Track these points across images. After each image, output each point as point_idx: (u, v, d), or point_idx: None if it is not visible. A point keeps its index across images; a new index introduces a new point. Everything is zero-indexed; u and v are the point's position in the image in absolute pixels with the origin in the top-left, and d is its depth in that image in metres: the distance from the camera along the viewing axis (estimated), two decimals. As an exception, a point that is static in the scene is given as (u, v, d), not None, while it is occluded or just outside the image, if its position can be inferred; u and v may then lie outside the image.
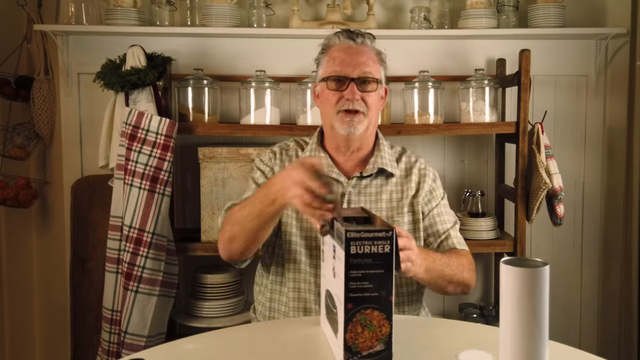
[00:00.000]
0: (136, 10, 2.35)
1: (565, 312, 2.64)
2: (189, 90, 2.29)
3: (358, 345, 1.06)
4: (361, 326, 1.06)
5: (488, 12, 2.40)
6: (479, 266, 2.63)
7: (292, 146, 1.71)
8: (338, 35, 1.60)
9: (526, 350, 0.93)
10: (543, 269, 0.92)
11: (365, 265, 1.04)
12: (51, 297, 2.61)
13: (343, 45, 1.58)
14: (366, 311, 1.05)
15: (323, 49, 1.62)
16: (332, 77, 1.55)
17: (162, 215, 2.14)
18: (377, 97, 1.59)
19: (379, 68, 1.60)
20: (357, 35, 1.59)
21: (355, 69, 1.54)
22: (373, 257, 1.05)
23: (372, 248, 1.05)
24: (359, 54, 1.57)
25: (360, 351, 1.07)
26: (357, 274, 1.04)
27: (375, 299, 1.06)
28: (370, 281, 1.05)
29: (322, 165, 1.25)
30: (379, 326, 1.07)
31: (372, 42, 1.62)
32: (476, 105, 2.32)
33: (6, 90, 2.47)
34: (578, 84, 2.60)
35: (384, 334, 1.07)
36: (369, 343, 1.07)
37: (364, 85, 1.55)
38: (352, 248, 1.03)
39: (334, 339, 1.14)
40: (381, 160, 1.62)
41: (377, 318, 1.06)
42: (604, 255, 2.65)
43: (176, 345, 1.26)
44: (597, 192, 2.64)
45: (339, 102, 1.54)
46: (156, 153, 2.13)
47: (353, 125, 1.54)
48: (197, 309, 2.25)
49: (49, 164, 2.60)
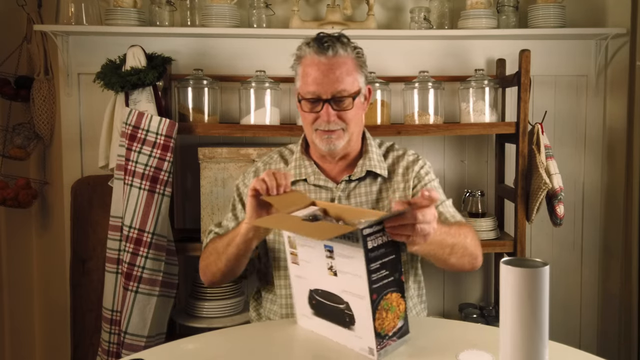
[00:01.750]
0: (136, 11, 2.35)
1: (565, 312, 2.64)
2: (189, 91, 2.29)
3: (385, 329, 1.13)
4: (385, 311, 1.12)
5: (488, 12, 2.40)
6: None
7: (275, 158, 1.69)
8: (309, 45, 1.51)
9: (526, 350, 0.93)
10: (543, 269, 0.92)
11: (380, 255, 1.10)
12: (51, 297, 2.61)
13: (314, 60, 1.49)
14: (386, 296, 1.12)
15: (296, 60, 1.56)
16: (306, 99, 1.51)
17: (162, 215, 2.14)
18: (356, 110, 1.54)
19: (355, 77, 1.52)
20: (329, 46, 1.48)
21: (329, 89, 1.48)
22: (385, 246, 1.11)
23: (383, 238, 1.11)
24: (331, 70, 1.48)
25: (387, 333, 1.13)
26: (376, 266, 1.10)
27: (392, 283, 1.13)
28: (386, 268, 1.11)
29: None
30: (397, 305, 1.14)
31: (345, 49, 1.51)
32: (476, 105, 2.33)
33: (6, 90, 2.47)
34: (578, 84, 2.60)
35: (402, 311, 1.16)
36: (392, 323, 1.14)
37: (339, 104, 1.50)
38: (369, 243, 1.08)
39: (345, 330, 1.17)
40: (369, 162, 1.60)
41: (395, 299, 1.14)
42: (604, 255, 2.65)
43: (176, 345, 1.26)
44: (597, 192, 2.64)
45: (316, 121, 1.52)
46: (156, 153, 2.13)
47: (332, 142, 1.52)
48: (197, 309, 2.25)
49: (49, 164, 2.60)
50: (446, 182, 2.58)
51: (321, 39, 1.51)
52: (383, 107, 2.31)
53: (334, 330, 1.20)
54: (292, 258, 1.29)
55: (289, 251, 1.29)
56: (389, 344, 1.14)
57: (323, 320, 1.23)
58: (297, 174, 1.61)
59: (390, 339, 1.14)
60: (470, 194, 2.39)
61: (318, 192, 1.59)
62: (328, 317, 1.22)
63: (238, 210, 1.64)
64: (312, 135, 1.55)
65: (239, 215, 1.63)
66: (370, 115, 2.31)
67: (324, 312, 1.23)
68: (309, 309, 1.26)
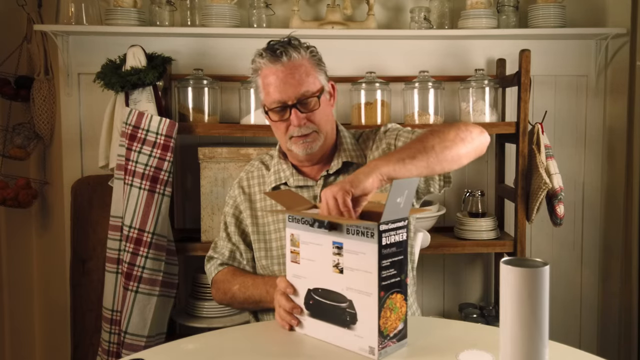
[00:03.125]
0: (136, 11, 2.35)
1: (565, 312, 2.64)
2: (189, 90, 2.29)
3: (387, 329, 1.13)
4: (389, 310, 1.13)
5: (488, 12, 2.40)
6: (479, 266, 2.64)
7: (256, 165, 1.69)
8: (262, 56, 1.51)
9: (526, 350, 0.93)
10: (543, 269, 0.92)
11: (391, 254, 1.12)
12: (51, 297, 2.62)
13: (271, 70, 1.49)
14: (392, 295, 1.13)
15: (253, 73, 1.56)
16: (272, 109, 1.51)
17: (162, 215, 2.14)
18: (324, 108, 1.53)
19: (315, 76, 1.51)
20: (282, 52, 1.48)
21: (292, 94, 1.48)
22: (397, 245, 1.13)
23: (395, 237, 1.12)
24: (290, 74, 1.48)
25: (389, 334, 1.14)
26: (387, 263, 1.11)
27: (398, 283, 1.14)
28: (394, 267, 1.13)
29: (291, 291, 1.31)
30: (400, 307, 1.15)
31: (298, 52, 1.50)
32: (476, 105, 2.33)
33: (6, 90, 2.47)
34: (578, 84, 2.60)
35: (403, 313, 1.16)
36: (394, 324, 1.15)
37: (306, 106, 1.49)
38: (383, 240, 1.09)
39: (343, 330, 1.18)
40: (345, 153, 1.59)
41: (399, 300, 1.14)
42: (604, 255, 2.65)
43: (176, 345, 1.26)
44: (597, 192, 2.64)
45: (288, 130, 1.52)
46: (156, 153, 2.13)
47: (308, 146, 1.52)
48: (197, 309, 2.26)
49: (49, 164, 2.60)
50: (446, 182, 2.58)
51: (272, 47, 1.51)
52: (383, 107, 2.31)
53: (331, 331, 1.20)
54: (292, 257, 1.29)
55: (289, 249, 1.29)
56: (389, 344, 1.14)
57: (319, 321, 1.23)
58: (277, 179, 1.61)
59: (391, 340, 1.14)
60: (470, 194, 2.39)
61: (300, 193, 1.59)
62: (326, 318, 1.22)
63: (231, 232, 1.65)
64: (287, 143, 1.54)
65: (232, 237, 1.64)
66: (370, 115, 2.31)
67: (322, 313, 1.22)
68: (304, 310, 1.27)
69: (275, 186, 1.61)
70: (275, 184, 1.61)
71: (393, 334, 1.14)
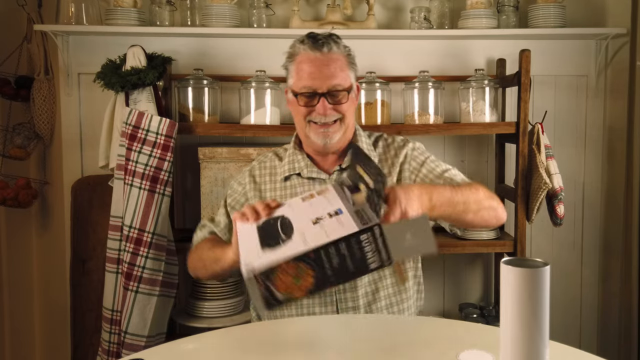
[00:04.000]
0: (136, 10, 2.35)
1: (565, 312, 2.64)
2: (189, 90, 2.29)
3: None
4: (291, 275, 1.06)
5: (488, 12, 2.40)
6: (479, 266, 2.64)
7: (269, 156, 1.71)
8: (303, 42, 1.55)
9: (526, 351, 0.93)
10: (543, 269, 0.92)
11: (363, 247, 1.06)
12: (51, 297, 2.61)
13: (309, 57, 1.54)
14: (303, 264, 1.05)
15: (289, 57, 1.59)
16: (301, 94, 1.54)
17: (162, 215, 2.14)
18: (350, 103, 1.58)
19: (348, 74, 1.56)
20: (323, 43, 1.53)
21: (324, 83, 1.52)
22: (371, 252, 1.07)
23: (372, 247, 1.07)
24: (326, 66, 1.53)
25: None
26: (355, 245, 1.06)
27: (317, 260, 1.06)
28: (347, 257, 1.06)
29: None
30: (300, 279, 1.06)
31: (338, 47, 1.56)
32: (476, 105, 2.33)
33: (6, 90, 2.47)
34: (578, 84, 2.60)
35: (297, 289, 1.07)
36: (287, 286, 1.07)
37: (335, 98, 1.53)
38: (364, 241, 1.05)
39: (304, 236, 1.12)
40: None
41: (305, 273, 1.06)
42: (604, 255, 2.65)
43: (176, 345, 1.26)
44: (597, 192, 2.64)
45: (310, 114, 1.55)
46: (156, 153, 2.13)
47: (329, 136, 1.55)
48: (197, 309, 2.25)
49: (49, 164, 2.60)
50: (446, 182, 2.58)
51: (315, 36, 1.56)
52: (383, 107, 2.31)
53: (286, 247, 1.13)
54: (304, 195, 1.29)
55: (309, 194, 1.30)
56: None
57: (274, 248, 1.15)
58: (291, 168, 1.63)
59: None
60: (471, 194, 2.39)
61: (312, 185, 1.61)
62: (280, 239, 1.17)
63: (230, 211, 1.66)
64: (306, 128, 1.57)
65: (231, 215, 1.64)
66: (370, 115, 2.31)
67: (274, 243, 1.16)
68: (258, 248, 1.16)
69: (287, 176, 1.63)
70: (288, 173, 1.63)
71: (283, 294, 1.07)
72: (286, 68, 1.61)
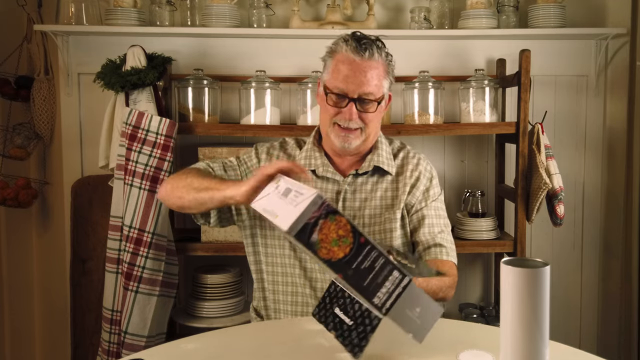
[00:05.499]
0: (136, 11, 2.35)
1: (565, 312, 2.64)
2: (189, 90, 2.29)
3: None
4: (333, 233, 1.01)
5: (488, 12, 2.40)
6: (479, 266, 2.64)
7: (291, 144, 1.71)
8: (347, 42, 1.52)
9: (526, 351, 0.93)
10: (543, 269, 0.92)
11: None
12: (51, 297, 2.61)
13: (349, 58, 1.50)
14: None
15: (329, 52, 1.57)
16: (332, 93, 1.53)
17: (162, 215, 2.14)
18: (377, 114, 1.57)
19: (382, 83, 1.54)
20: (366, 48, 1.50)
21: (357, 89, 1.50)
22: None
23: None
24: (363, 72, 1.50)
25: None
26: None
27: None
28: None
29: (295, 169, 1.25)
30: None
31: (380, 53, 1.53)
32: (476, 105, 2.33)
33: (6, 90, 2.47)
34: (578, 84, 2.60)
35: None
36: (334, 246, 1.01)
37: (364, 105, 1.52)
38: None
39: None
40: (378, 158, 1.62)
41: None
42: (604, 255, 2.65)
43: (176, 345, 1.26)
44: (597, 192, 2.64)
45: (337, 115, 1.53)
46: (156, 153, 2.13)
47: (348, 141, 1.54)
48: (197, 309, 2.26)
49: (49, 164, 2.60)
50: (446, 182, 2.58)
51: (359, 39, 1.53)
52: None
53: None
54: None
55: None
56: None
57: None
58: (307, 164, 1.62)
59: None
60: (471, 194, 2.39)
61: (325, 184, 1.61)
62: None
63: (230, 169, 1.62)
64: (329, 128, 1.56)
65: (228, 172, 1.61)
66: (371, 115, 2.31)
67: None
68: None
69: None
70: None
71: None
72: (324, 61, 1.59)
